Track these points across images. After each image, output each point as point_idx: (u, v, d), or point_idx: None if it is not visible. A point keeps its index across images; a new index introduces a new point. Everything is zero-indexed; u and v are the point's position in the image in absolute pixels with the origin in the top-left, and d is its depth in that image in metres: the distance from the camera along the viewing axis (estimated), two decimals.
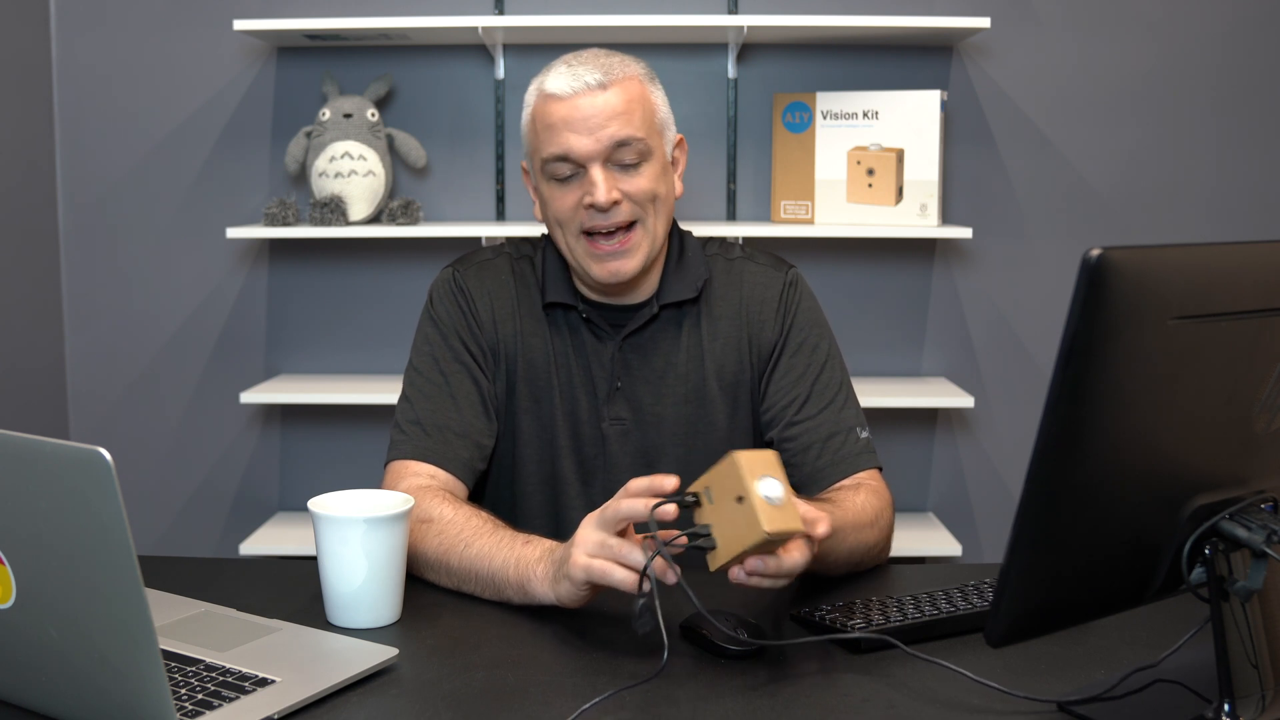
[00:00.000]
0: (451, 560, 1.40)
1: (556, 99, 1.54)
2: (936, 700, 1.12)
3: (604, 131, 1.52)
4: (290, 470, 2.86)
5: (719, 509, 1.16)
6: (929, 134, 2.59)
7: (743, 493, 1.14)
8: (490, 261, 1.68)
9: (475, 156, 2.78)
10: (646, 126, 1.56)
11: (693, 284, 1.64)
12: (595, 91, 1.53)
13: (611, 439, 1.61)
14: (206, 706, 1.06)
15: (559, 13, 2.71)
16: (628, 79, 1.56)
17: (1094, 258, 0.88)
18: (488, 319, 1.63)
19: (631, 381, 1.62)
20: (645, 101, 1.57)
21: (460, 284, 1.65)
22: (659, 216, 1.58)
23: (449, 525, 1.42)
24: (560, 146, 1.53)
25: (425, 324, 1.65)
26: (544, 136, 1.56)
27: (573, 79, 1.54)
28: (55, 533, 0.95)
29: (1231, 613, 1.01)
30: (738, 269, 1.67)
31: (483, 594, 1.38)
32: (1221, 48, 2.74)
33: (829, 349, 1.64)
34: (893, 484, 2.39)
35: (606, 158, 1.53)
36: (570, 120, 1.53)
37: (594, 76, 1.54)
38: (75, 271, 2.81)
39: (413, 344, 1.66)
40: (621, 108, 1.53)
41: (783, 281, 1.66)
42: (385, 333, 2.81)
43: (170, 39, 2.74)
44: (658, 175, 1.57)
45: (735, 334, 1.64)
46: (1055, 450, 0.92)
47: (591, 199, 1.53)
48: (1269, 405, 1.02)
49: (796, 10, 2.69)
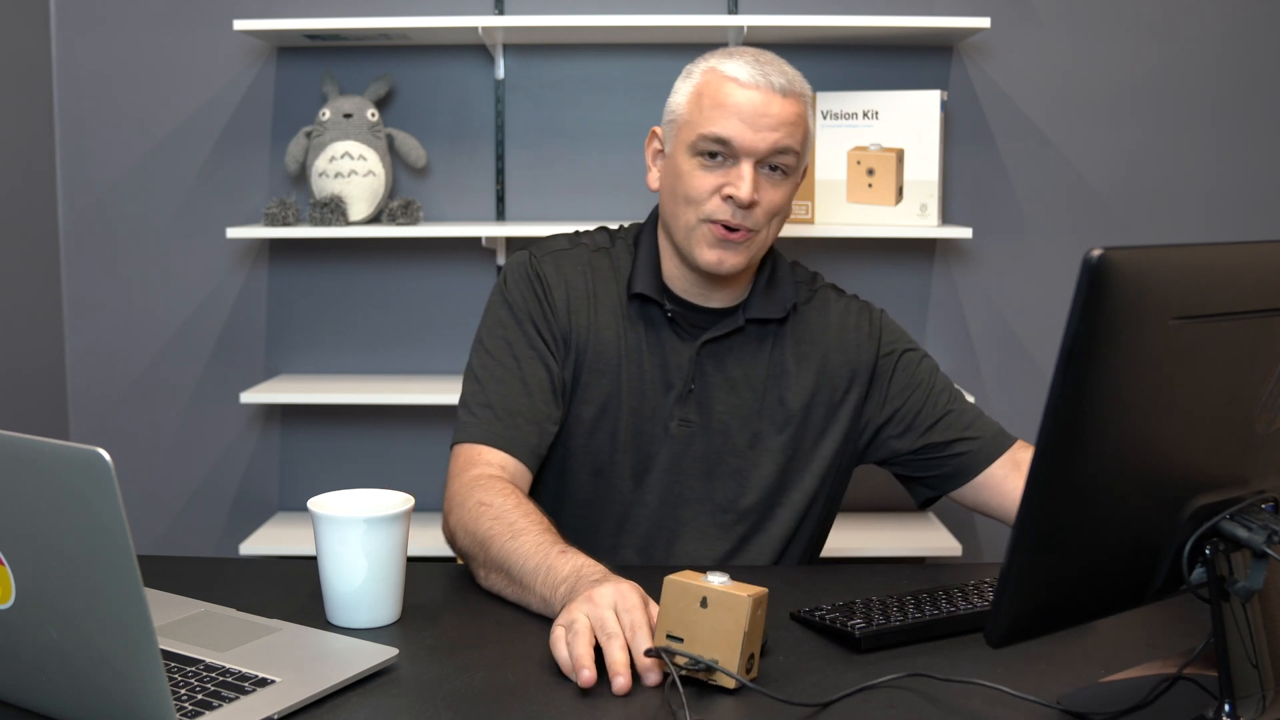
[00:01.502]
0: (493, 548, 1.39)
1: (737, 83, 1.55)
2: (937, 700, 1.12)
3: (773, 134, 1.54)
4: (290, 470, 2.86)
5: (693, 631, 1.13)
6: (929, 134, 2.59)
7: (701, 594, 1.13)
8: (567, 251, 1.67)
9: (475, 156, 2.78)
10: (803, 145, 1.59)
11: (781, 305, 1.64)
12: (775, 94, 1.55)
13: (676, 439, 1.61)
14: (206, 706, 1.06)
15: (559, 13, 2.70)
16: (803, 96, 1.59)
17: (1094, 258, 0.88)
18: (562, 306, 1.62)
19: (705, 386, 1.62)
20: (806, 123, 1.60)
21: (537, 269, 1.64)
22: (772, 230, 1.60)
23: (505, 513, 1.42)
24: (726, 129, 1.54)
25: (498, 307, 1.63)
26: (710, 113, 1.55)
27: (758, 73, 1.55)
28: (55, 533, 0.95)
29: (1232, 613, 1.01)
30: (821, 298, 1.70)
31: (507, 592, 1.38)
32: (1221, 48, 2.74)
33: (924, 354, 1.69)
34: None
35: (762, 159, 1.55)
36: (743, 109, 1.54)
37: (779, 80, 1.55)
38: (75, 271, 2.81)
39: (482, 324, 1.64)
40: (791, 118, 1.55)
41: (865, 308, 1.70)
42: (386, 333, 2.81)
43: (170, 39, 2.74)
44: (791, 193, 1.60)
45: (820, 360, 1.65)
46: (1055, 450, 0.92)
47: (734, 191, 1.54)
48: (1269, 405, 1.02)
49: (796, 10, 2.69)
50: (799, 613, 1.32)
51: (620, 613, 1.18)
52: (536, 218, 2.77)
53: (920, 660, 1.21)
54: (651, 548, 1.62)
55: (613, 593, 1.20)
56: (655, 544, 1.62)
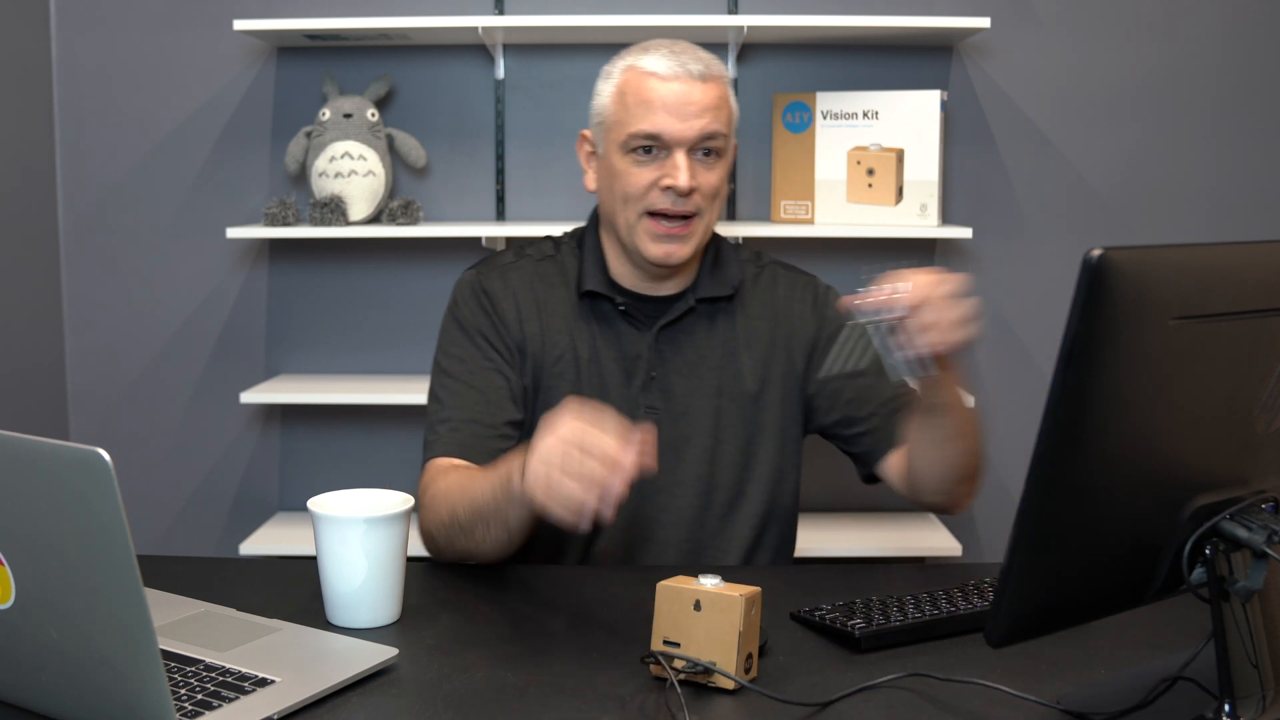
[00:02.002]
0: (460, 512, 1.45)
1: (656, 78, 1.58)
2: (937, 700, 1.12)
3: (699, 121, 1.57)
4: (290, 470, 2.86)
5: (688, 635, 1.14)
6: (929, 134, 2.59)
7: (694, 597, 1.13)
8: (513, 264, 1.71)
9: (475, 156, 2.78)
10: (728, 126, 1.62)
11: (728, 283, 1.69)
12: (695, 81, 1.58)
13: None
14: (206, 706, 1.06)
15: (559, 13, 2.70)
16: (721, 78, 1.62)
17: (1094, 258, 0.88)
18: (512, 318, 1.65)
19: (665, 372, 1.65)
20: (729, 103, 1.64)
21: (483, 286, 1.68)
22: (714, 212, 1.64)
23: (452, 485, 1.48)
24: (654, 125, 1.57)
25: (450, 328, 1.67)
26: (636, 111, 1.58)
27: (676, 64, 1.58)
28: (55, 533, 0.95)
29: (1232, 613, 1.01)
30: (769, 275, 1.74)
31: (493, 534, 1.42)
32: (1221, 48, 2.74)
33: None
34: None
35: (693, 146, 1.58)
36: (668, 102, 1.57)
37: (696, 67, 1.59)
38: (75, 271, 2.81)
39: (437, 348, 1.68)
40: (714, 102, 1.59)
41: (813, 284, 1.75)
42: (386, 333, 2.81)
43: (170, 39, 2.74)
44: (726, 174, 1.64)
45: (769, 333, 1.69)
46: (1055, 450, 0.92)
47: (672, 181, 1.57)
48: (1269, 405, 1.02)
49: (796, 10, 2.69)
50: (799, 613, 1.32)
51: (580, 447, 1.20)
52: (536, 218, 2.77)
53: (920, 660, 1.21)
54: (633, 538, 1.63)
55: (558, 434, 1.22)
56: (636, 534, 1.63)
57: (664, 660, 1.13)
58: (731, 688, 1.13)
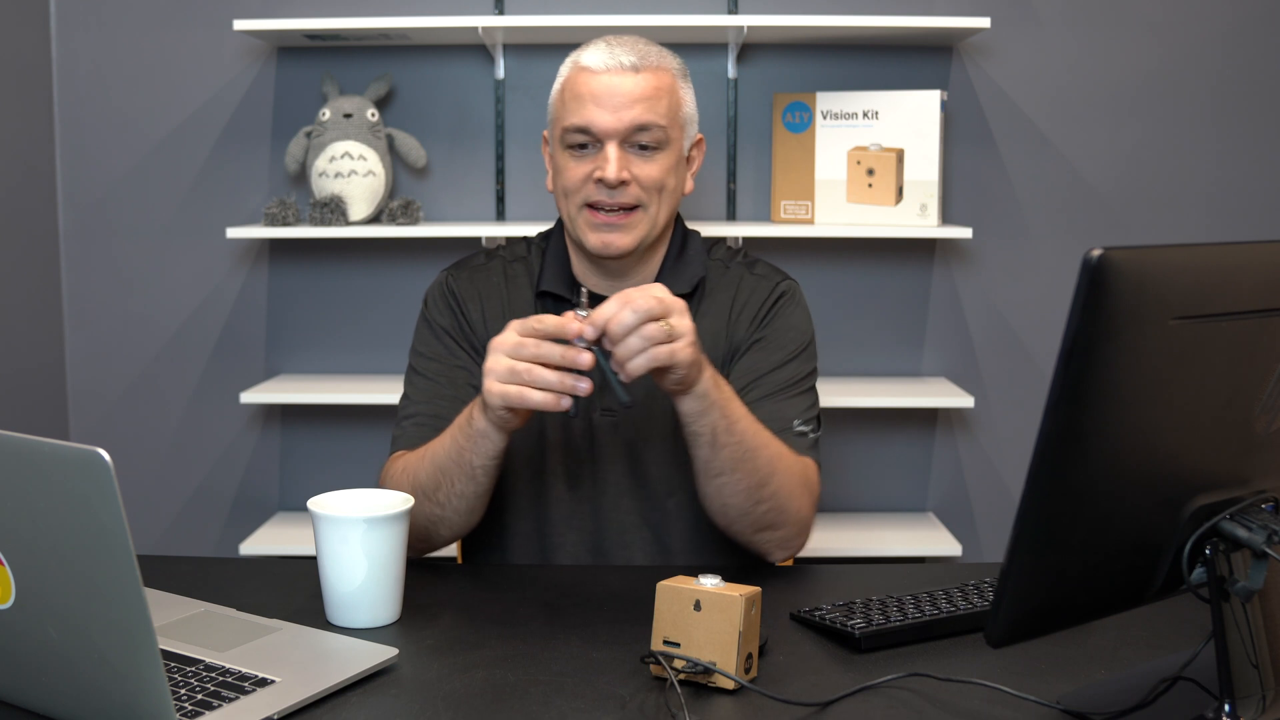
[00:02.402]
0: (421, 476, 1.50)
1: (588, 72, 1.59)
2: (937, 700, 1.12)
3: (627, 112, 1.57)
4: (290, 470, 2.86)
5: (688, 635, 1.14)
6: (929, 134, 2.59)
7: (694, 597, 1.13)
8: (483, 265, 1.73)
9: (475, 156, 2.78)
10: (669, 117, 1.60)
11: (688, 281, 1.66)
12: (627, 73, 1.58)
13: (601, 430, 1.63)
14: (206, 706, 1.06)
15: (559, 13, 2.71)
16: (660, 69, 1.61)
17: (1094, 258, 0.88)
18: (477, 318, 1.67)
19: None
20: (673, 93, 1.62)
21: (451, 287, 1.70)
22: (662, 206, 1.61)
23: (411, 459, 1.54)
24: (582, 118, 1.58)
25: (421, 327, 1.71)
26: (569, 106, 1.60)
27: (608, 56, 1.59)
28: (55, 533, 0.95)
29: (1232, 613, 1.01)
30: (734, 274, 1.70)
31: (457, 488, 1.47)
32: (1221, 48, 2.74)
33: (796, 350, 1.64)
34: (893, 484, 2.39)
35: (624, 138, 1.58)
36: (597, 95, 1.58)
37: (629, 59, 1.59)
38: (75, 271, 2.81)
39: (411, 347, 1.71)
40: (648, 93, 1.58)
41: (771, 289, 1.68)
42: (385, 333, 2.80)
43: (170, 39, 2.74)
44: (670, 167, 1.61)
45: (715, 333, 1.65)
46: (1055, 450, 0.92)
47: (601, 174, 1.57)
48: (1269, 405, 1.02)
49: (796, 10, 2.69)
50: (799, 613, 1.32)
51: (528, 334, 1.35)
52: (536, 218, 2.77)
53: (920, 660, 1.21)
54: (602, 540, 1.63)
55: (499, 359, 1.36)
56: (605, 535, 1.63)
57: (664, 660, 1.13)
58: (731, 688, 1.13)
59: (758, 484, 1.47)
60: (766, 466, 1.47)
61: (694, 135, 1.68)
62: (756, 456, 1.46)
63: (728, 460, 1.45)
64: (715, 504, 1.50)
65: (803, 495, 1.52)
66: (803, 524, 1.53)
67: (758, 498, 1.47)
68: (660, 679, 1.15)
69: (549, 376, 1.34)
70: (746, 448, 1.45)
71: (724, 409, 1.44)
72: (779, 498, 1.49)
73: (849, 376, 2.77)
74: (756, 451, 1.46)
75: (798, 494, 1.51)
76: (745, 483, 1.46)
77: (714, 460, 1.45)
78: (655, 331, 1.34)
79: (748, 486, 1.46)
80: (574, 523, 1.63)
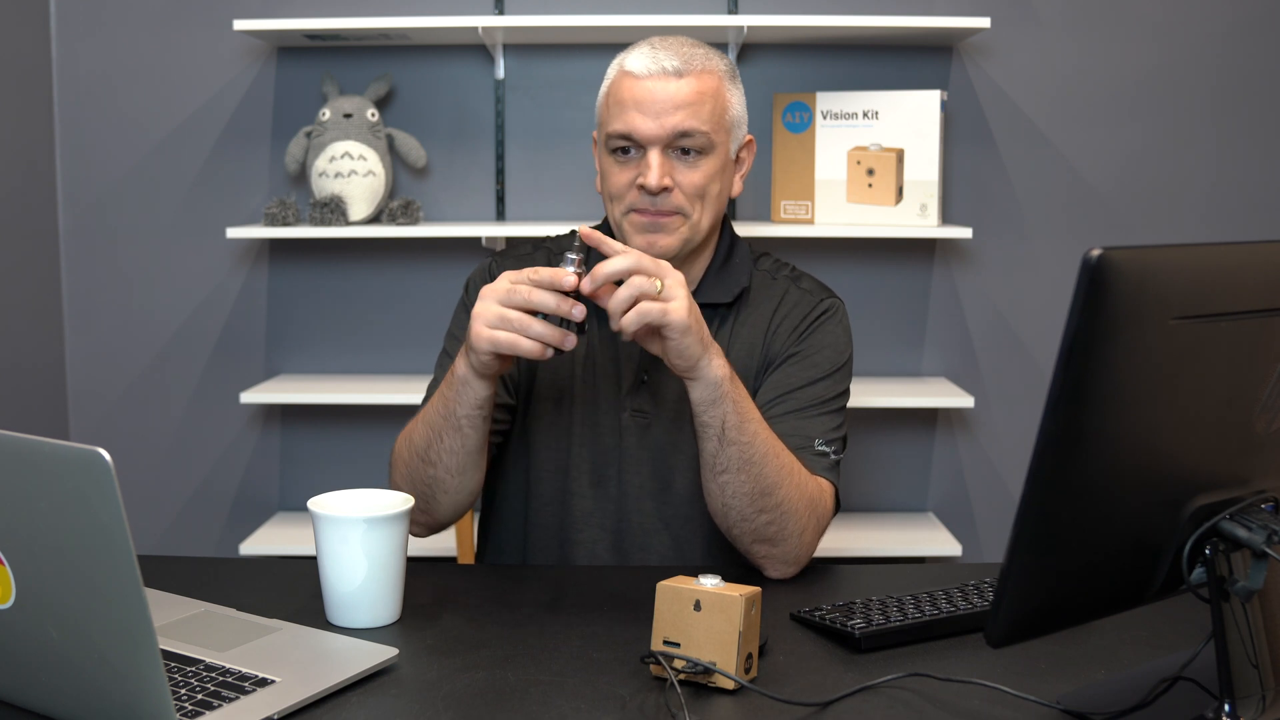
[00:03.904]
0: (416, 439, 1.50)
1: (632, 77, 1.58)
2: (937, 700, 1.12)
3: (669, 119, 1.55)
4: (290, 470, 2.86)
5: (688, 635, 1.14)
6: (929, 134, 2.59)
7: (694, 597, 1.13)
8: (529, 255, 1.71)
9: (475, 156, 2.78)
10: (714, 122, 1.58)
11: (730, 290, 1.65)
12: (670, 78, 1.56)
13: (630, 431, 1.62)
14: (206, 706, 1.06)
15: (559, 13, 2.70)
16: (706, 72, 1.58)
17: (1094, 258, 0.88)
18: None
19: (659, 376, 1.63)
20: (718, 97, 1.59)
21: (494, 274, 1.66)
22: (705, 212, 1.60)
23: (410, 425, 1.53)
24: (625, 125, 1.56)
25: (459, 311, 1.69)
26: (613, 111, 1.59)
27: (651, 61, 1.57)
28: (55, 533, 0.95)
29: (1232, 613, 1.01)
30: (780, 286, 1.68)
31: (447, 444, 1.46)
32: (1221, 48, 2.74)
33: (831, 369, 1.63)
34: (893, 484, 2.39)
35: (667, 144, 1.56)
36: (640, 101, 1.56)
37: (672, 63, 1.56)
38: (75, 271, 2.81)
39: (446, 332, 1.69)
40: (692, 98, 1.56)
41: (814, 305, 1.67)
42: (386, 333, 2.81)
43: (170, 39, 2.74)
44: (714, 172, 1.59)
45: (753, 343, 1.64)
46: (1055, 450, 0.92)
47: (643, 180, 1.55)
48: (1269, 405, 1.02)
49: (796, 10, 2.69)
50: (799, 613, 1.32)
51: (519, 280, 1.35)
52: (536, 218, 2.77)
53: (920, 660, 1.21)
54: (622, 540, 1.62)
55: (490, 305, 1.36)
56: (625, 536, 1.62)
57: (664, 660, 1.13)
58: (731, 688, 1.13)
59: (761, 491, 1.46)
60: (774, 475, 1.46)
61: (742, 137, 1.65)
62: (765, 463, 1.45)
63: (734, 458, 1.44)
64: (717, 503, 1.49)
65: (808, 518, 1.49)
66: (803, 547, 1.50)
67: (760, 506, 1.46)
68: (660, 679, 1.15)
69: (538, 326, 1.35)
70: (755, 451, 1.44)
71: (736, 404, 1.43)
72: (782, 511, 1.47)
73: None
74: (765, 458, 1.45)
75: (802, 515, 1.49)
76: (749, 487, 1.45)
77: (720, 455, 1.45)
78: (644, 284, 1.35)
79: (751, 491, 1.46)
80: (594, 520, 1.62)
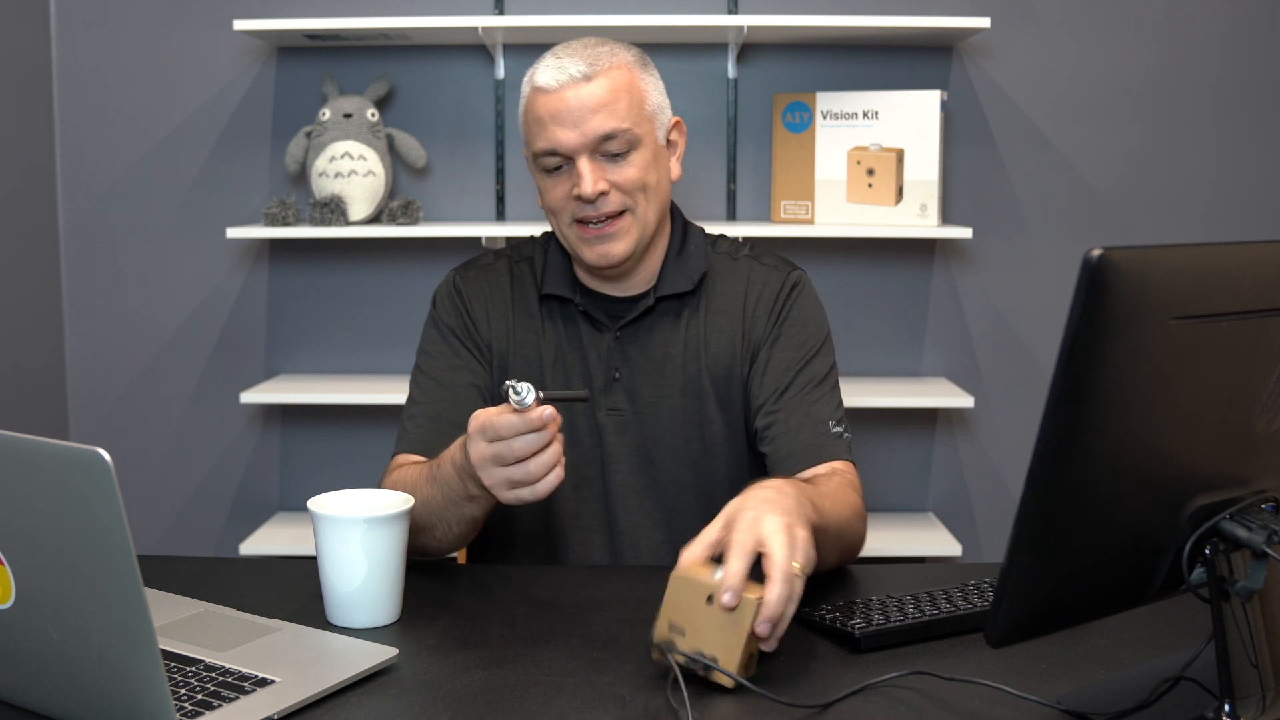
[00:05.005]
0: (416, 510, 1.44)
1: (544, 92, 1.56)
2: (937, 699, 1.12)
3: (588, 125, 1.53)
4: (290, 470, 2.86)
5: (696, 625, 1.13)
6: (929, 134, 2.59)
7: (707, 591, 1.13)
8: (490, 265, 1.71)
9: (475, 156, 2.78)
10: (634, 116, 1.56)
11: (690, 277, 1.64)
12: (580, 84, 1.54)
13: (609, 430, 1.62)
14: (206, 706, 1.06)
15: (559, 13, 2.71)
16: (614, 68, 1.56)
17: (1094, 258, 0.88)
18: (482, 317, 1.66)
19: (630, 373, 1.63)
20: (633, 90, 1.56)
21: (458, 287, 1.69)
22: (650, 204, 1.59)
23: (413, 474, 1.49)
24: (548, 141, 1.55)
25: (428, 328, 1.69)
26: (534, 130, 1.58)
27: (558, 71, 1.55)
28: (55, 533, 0.95)
29: (1232, 613, 1.01)
30: (743, 267, 1.67)
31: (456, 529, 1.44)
32: (1221, 48, 2.74)
33: (819, 346, 1.63)
34: (893, 484, 2.38)
35: (593, 149, 1.54)
36: (556, 114, 1.54)
37: (578, 68, 1.54)
38: (75, 271, 2.81)
39: (418, 349, 1.69)
40: (607, 99, 1.54)
41: (784, 281, 1.66)
42: (385, 333, 2.81)
43: (170, 39, 2.74)
44: (647, 164, 1.57)
45: (731, 329, 1.64)
46: (1055, 450, 0.92)
47: (578, 190, 1.54)
48: (1269, 405, 1.02)
49: (796, 10, 2.69)
50: (799, 613, 1.32)
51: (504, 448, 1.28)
52: (536, 218, 2.77)
53: (920, 660, 1.20)
54: (613, 540, 1.63)
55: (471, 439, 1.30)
56: (616, 536, 1.62)
57: (667, 651, 1.13)
58: (730, 685, 1.13)
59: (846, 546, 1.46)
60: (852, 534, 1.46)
61: (668, 121, 1.63)
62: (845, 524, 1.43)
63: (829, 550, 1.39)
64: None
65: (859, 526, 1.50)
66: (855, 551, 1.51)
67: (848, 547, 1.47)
68: (662, 669, 1.14)
69: (546, 461, 1.28)
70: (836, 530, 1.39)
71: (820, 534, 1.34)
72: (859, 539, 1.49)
73: (849, 376, 2.76)
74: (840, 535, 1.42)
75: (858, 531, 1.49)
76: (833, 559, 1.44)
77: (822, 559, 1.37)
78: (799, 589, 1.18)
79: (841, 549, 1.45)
80: (581, 523, 1.62)
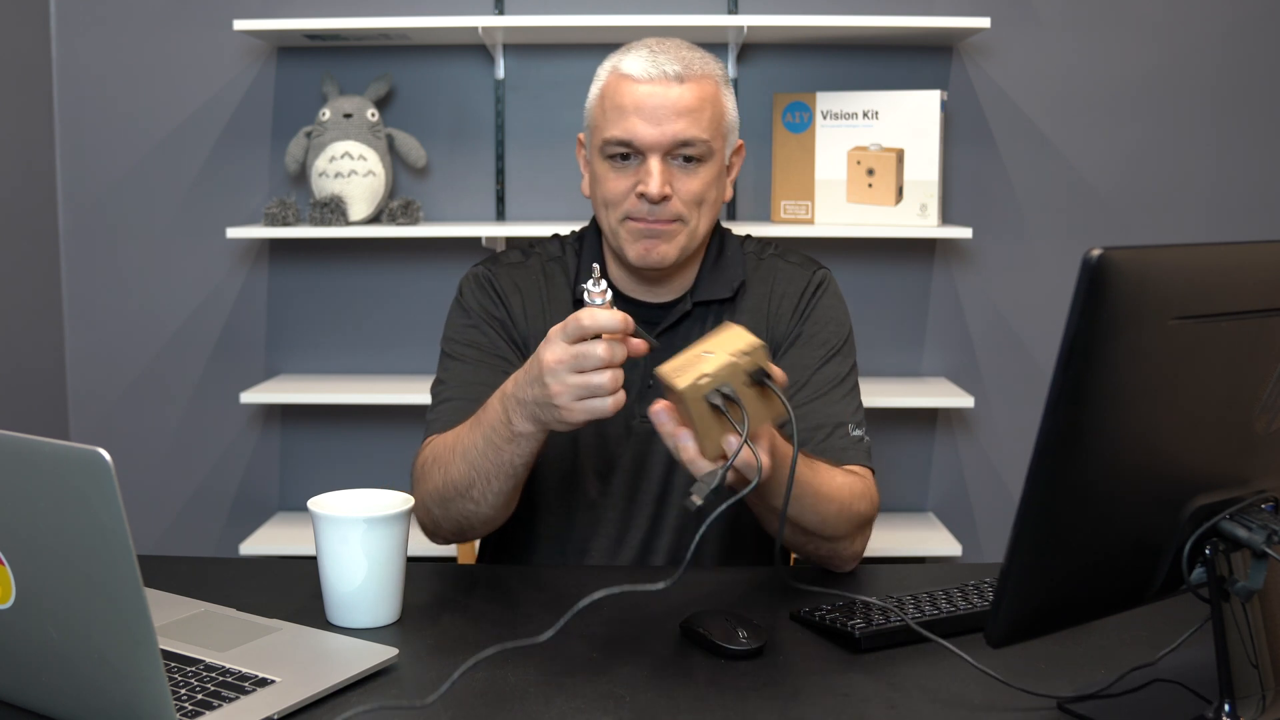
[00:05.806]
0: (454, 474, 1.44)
1: (631, 80, 1.54)
2: (937, 699, 1.12)
3: (671, 126, 1.52)
4: (290, 470, 2.86)
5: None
6: (929, 134, 2.59)
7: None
8: (520, 263, 1.69)
9: (475, 156, 2.78)
10: (713, 129, 1.55)
11: (728, 284, 1.63)
12: (671, 83, 1.52)
13: (640, 437, 1.60)
14: (206, 706, 1.06)
15: (559, 13, 2.71)
16: (705, 77, 1.55)
17: (1094, 258, 0.88)
18: (519, 313, 1.64)
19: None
20: (716, 103, 1.56)
21: (492, 280, 1.66)
22: (703, 218, 1.58)
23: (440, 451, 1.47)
24: (625, 131, 1.53)
25: (456, 314, 1.66)
26: (610, 116, 1.55)
27: (652, 65, 1.53)
28: (55, 533, 0.95)
29: (1232, 613, 1.01)
30: (768, 266, 1.67)
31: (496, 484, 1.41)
32: (1221, 48, 2.74)
33: (840, 346, 1.63)
34: (892, 484, 2.37)
35: (667, 151, 1.53)
36: (640, 106, 1.52)
37: (673, 68, 1.53)
38: (75, 271, 2.81)
39: (443, 336, 1.66)
40: (693, 105, 1.52)
41: (809, 279, 1.66)
42: (385, 333, 2.81)
43: (170, 39, 2.74)
44: (712, 179, 1.57)
45: (755, 328, 1.62)
46: (1055, 450, 0.92)
47: (644, 188, 1.52)
48: (1269, 405, 1.02)
49: (796, 10, 2.69)
50: (799, 613, 1.32)
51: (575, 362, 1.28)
52: (536, 218, 2.77)
53: (920, 660, 1.21)
54: (625, 547, 1.62)
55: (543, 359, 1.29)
56: (629, 544, 1.62)
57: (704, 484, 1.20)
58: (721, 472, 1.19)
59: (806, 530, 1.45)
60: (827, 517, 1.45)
61: (735, 143, 1.63)
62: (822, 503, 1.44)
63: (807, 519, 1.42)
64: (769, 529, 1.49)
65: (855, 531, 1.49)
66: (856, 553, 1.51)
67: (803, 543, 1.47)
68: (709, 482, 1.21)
69: (620, 379, 1.29)
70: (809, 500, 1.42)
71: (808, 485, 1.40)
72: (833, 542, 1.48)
73: None
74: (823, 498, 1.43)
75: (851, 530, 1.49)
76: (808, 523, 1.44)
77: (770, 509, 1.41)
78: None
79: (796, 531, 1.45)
80: (601, 529, 1.61)
